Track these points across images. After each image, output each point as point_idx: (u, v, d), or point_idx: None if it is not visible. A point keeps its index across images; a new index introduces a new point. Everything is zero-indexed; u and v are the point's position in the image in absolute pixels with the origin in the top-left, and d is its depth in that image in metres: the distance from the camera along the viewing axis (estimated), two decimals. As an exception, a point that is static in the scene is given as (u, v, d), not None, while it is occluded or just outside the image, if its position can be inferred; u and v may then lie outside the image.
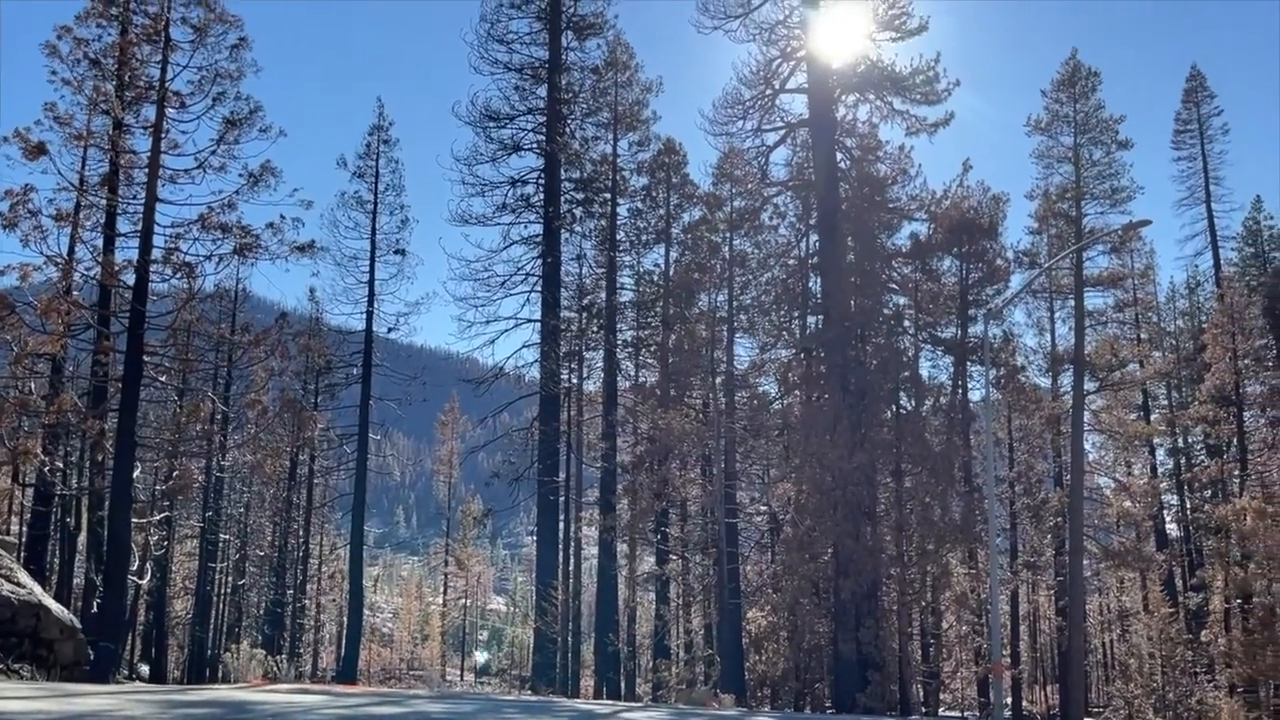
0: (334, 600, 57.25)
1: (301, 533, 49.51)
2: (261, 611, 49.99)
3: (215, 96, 23.03)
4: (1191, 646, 41.21)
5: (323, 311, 43.37)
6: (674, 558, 38.73)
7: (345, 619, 46.81)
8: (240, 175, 22.85)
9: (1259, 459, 39.75)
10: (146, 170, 22.94)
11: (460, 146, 44.04)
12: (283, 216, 22.99)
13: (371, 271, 40.87)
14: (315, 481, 50.19)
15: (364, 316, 40.90)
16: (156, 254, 22.85)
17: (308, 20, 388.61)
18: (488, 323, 39.83)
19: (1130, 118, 38.97)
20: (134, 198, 23.39)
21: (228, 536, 46.08)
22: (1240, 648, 36.28)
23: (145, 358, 23.00)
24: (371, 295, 40.77)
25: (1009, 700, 44.02)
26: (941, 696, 39.28)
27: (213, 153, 22.92)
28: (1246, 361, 41.46)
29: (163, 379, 25.61)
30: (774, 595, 34.33)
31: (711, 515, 35.22)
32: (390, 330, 41.34)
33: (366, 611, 55.71)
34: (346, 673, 39.60)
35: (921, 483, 33.07)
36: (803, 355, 37.27)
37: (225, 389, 39.63)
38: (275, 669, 26.84)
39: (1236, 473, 41.31)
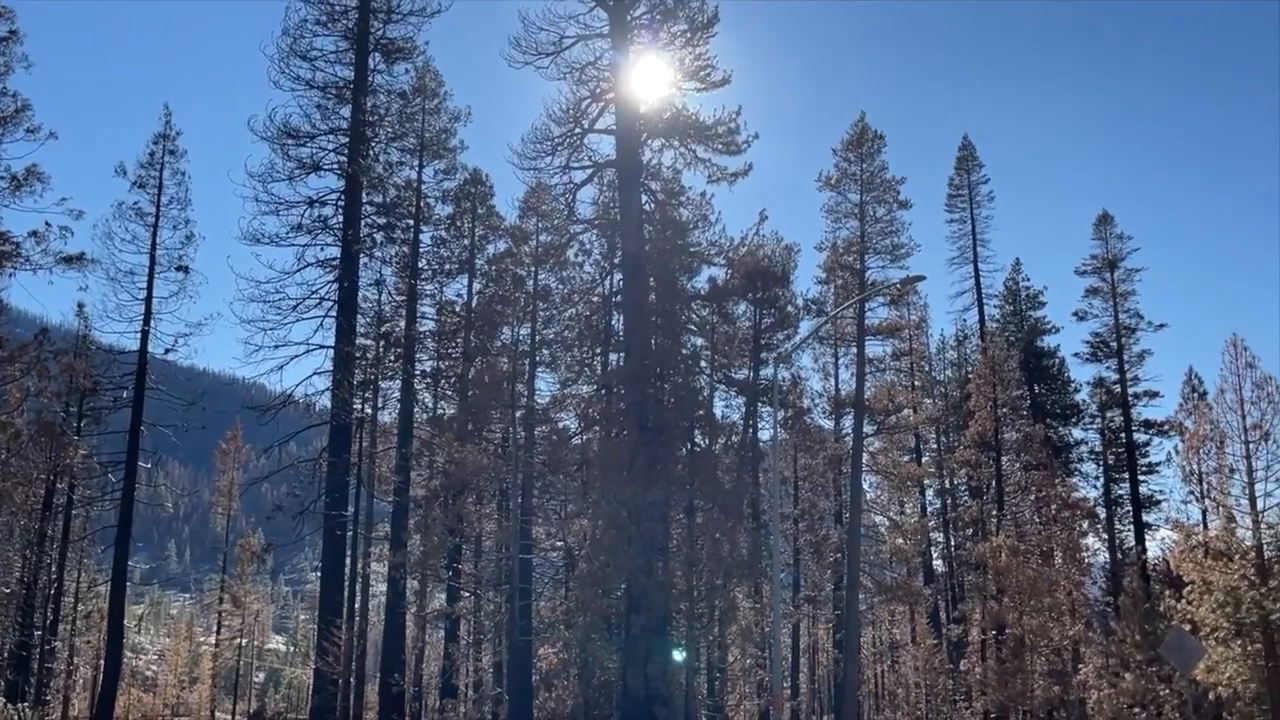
0: (90, 642, 52.57)
1: (55, 568, 45.24)
2: (4, 655, 45.23)
3: (-25, 90, 21.08)
4: (952, 675, 44.02)
5: (91, 329, 40.05)
6: (466, 595, 38.01)
7: (102, 662, 43.03)
8: (1, 177, 20.95)
9: (1013, 500, 43.21)
10: (-113, 164, 20.68)
11: (255, 162, 41.94)
12: (49, 224, 21.29)
13: (149, 288, 38.19)
14: (75, 512, 46.05)
15: (138, 336, 38.09)
16: (-106, 257, 20.59)
17: (93, 21, 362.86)
18: (277, 347, 37.98)
19: (911, 179, 42.03)
20: None
21: (-34, 573, 41.51)
22: (994, 676, 39.10)
23: (-127, 372, 20.60)
24: (148, 314, 38.07)
25: (788, 731, 45.59)
26: (725, 729, 40.22)
27: (-31, 150, 20.93)
28: (1005, 410, 45.11)
29: (-106, 396, 22.97)
30: (566, 632, 34.23)
31: (506, 551, 34.81)
32: (168, 352, 38.66)
33: (128, 653, 51.52)
34: (101, 721, 36.40)
35: (713, 519, 33.96)
36: (603, 391, 37.65)
37: (-29, 409, 35.96)
38: (18, 718, 24.40)
39: (994, 513, 44.71)
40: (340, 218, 38.98)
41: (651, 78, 37.71)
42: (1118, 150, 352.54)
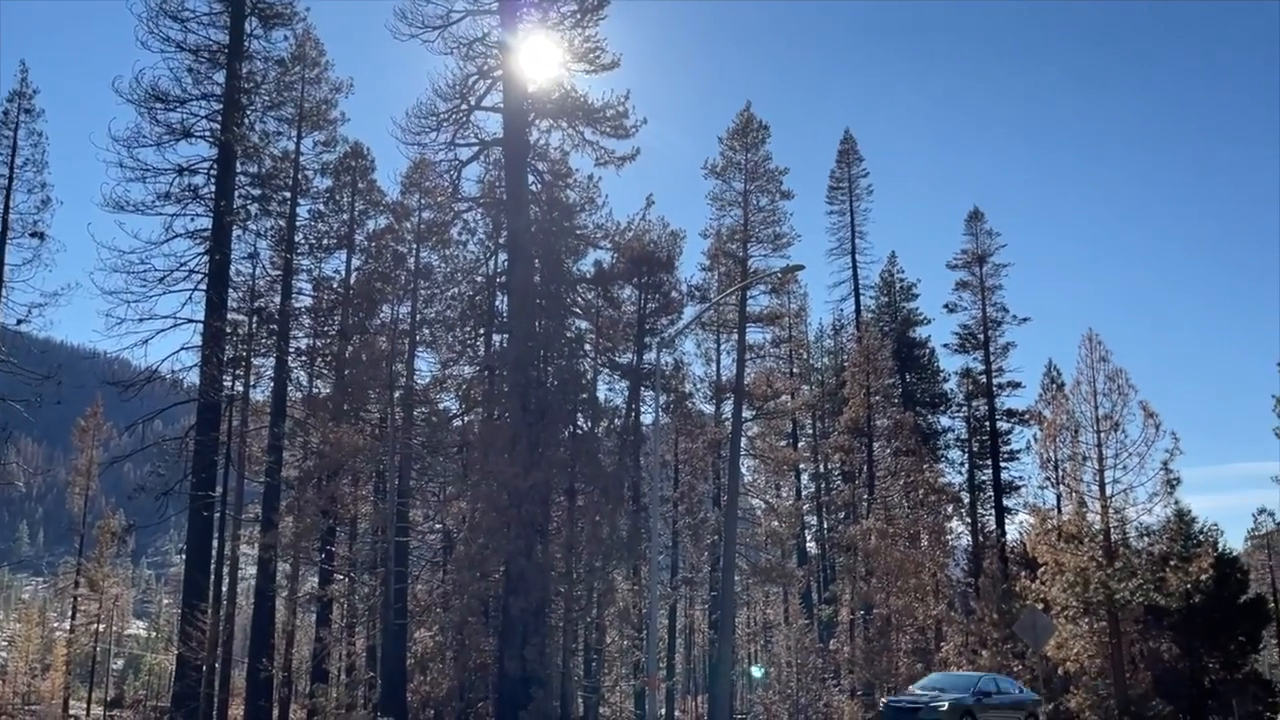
0: (-70, 629, 49.52)
1: (-109, 551, 42.41)
2: None
3: None
4: (822, 654, 45.37)
5: (-65, 296, 37.50)
6: (340, 578, 37.23)
7: (-57, 651, 40.59)
8: None
9: (884, 485, 44.71)
10: None
11: (120, 126, 39.89)
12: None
13: (1, 255, 35.99)
14: (-87, 492, 43.24)
15: (-12, 304, 35.88)
16: None
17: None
18: (141, 320, 36.23)
19: (799, 165, 42.95)
20: None
21: None
22: (861, 654, 40.53)
23: None
24: (-1, 281, 35.90)
25: (662, 711, 46.25)
26: (601, 710, 40.52)
27: None
28: (877, 398, 46.60)
29: None
30: (443, 614, 33.90)
31: (382, 534, 34.22)
32: (20, 322, 36.44)
33: (-28, 641, 48.57)
34: (-60, 713, 34.37)
35: (593, 501, 34.10)
36: (485, 373, 37.29)
37: None
38: None
39: (865, 497, 46.20)
40: (212, 187, 37.42)
41: (541, 57, 37.44)
42: (992, 146, 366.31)
